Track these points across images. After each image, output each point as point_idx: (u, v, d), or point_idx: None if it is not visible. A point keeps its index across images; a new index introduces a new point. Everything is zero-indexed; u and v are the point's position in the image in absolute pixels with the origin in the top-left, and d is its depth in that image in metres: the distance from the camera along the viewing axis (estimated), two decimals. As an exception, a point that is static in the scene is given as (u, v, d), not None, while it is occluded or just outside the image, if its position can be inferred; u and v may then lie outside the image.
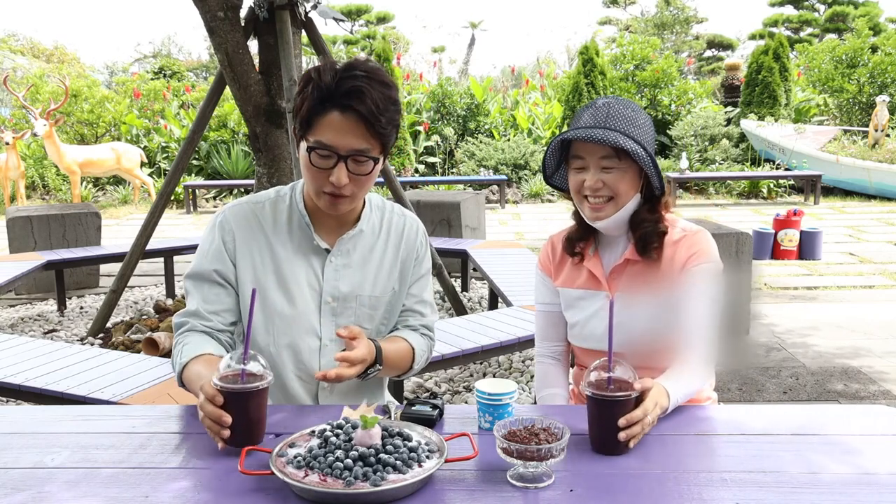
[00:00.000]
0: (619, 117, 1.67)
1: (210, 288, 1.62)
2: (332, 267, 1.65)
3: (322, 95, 1.47)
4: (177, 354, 1.58)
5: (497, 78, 20.60)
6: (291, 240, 1.65)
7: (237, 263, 1.63)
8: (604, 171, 1.68)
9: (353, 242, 1.67)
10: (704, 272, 1.70)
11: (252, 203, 1.67)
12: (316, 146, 1.50)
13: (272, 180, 4.42)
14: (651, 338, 1.72)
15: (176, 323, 1.64)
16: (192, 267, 1.65)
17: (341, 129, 1.48)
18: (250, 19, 4.35)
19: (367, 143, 1.50)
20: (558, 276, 1.88)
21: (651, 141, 1.72)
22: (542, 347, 1.95)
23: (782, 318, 5.17)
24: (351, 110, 1.47)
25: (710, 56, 27.41)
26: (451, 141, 13.82)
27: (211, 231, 1.65)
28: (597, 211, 1.71)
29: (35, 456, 1.34)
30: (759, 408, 1.58)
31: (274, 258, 1.63)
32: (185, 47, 41.25)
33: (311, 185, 1.57)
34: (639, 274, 1.75)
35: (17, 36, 27.13)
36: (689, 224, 1.79)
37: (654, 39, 16.58)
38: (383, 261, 1.71)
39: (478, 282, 6.36)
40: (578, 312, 1.82)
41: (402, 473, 1.17)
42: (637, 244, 1.73)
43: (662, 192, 1.74)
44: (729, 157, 13.30)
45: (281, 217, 1.66)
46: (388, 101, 1.50)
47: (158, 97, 15.01)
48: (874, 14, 23.65)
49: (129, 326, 4.82)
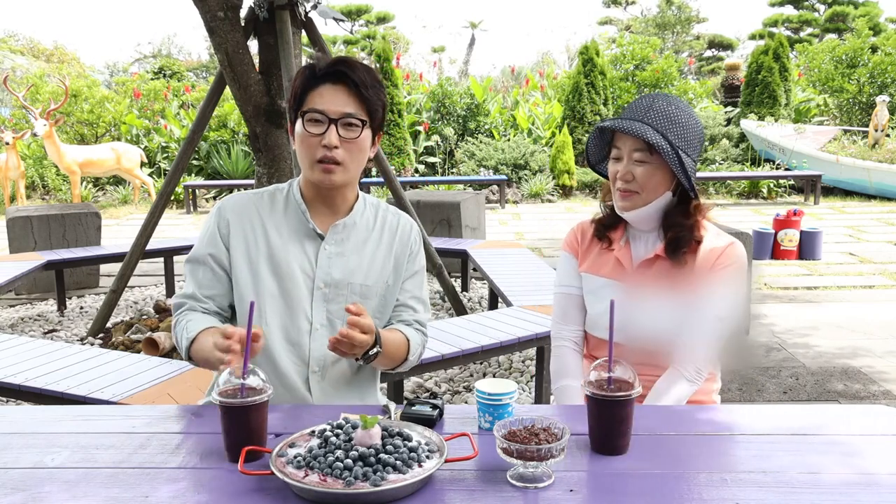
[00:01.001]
0: (659, 112, 1.69)
1: (205, 272, 1.70)
2: (326, 254, 1.70)
3: (313, 74, 1.63)
4: (181, 330, 1.65)
5: (497, 78, 20.60)
6: (287, 224, 1.71)
7: (230, 247, 1.69)
8: (636, 164, 1.70)
9: (347, 232, 1.73)
10: (724, 278, 1.72)
11: (251, 194, 1.77)
12: (308, 111, 1.62)
13: (272, 180, 4.42)
14: (663, 337, 1.73)
15: (175, 304, 1.72)
16: (191, 251, 1.74)
17: (331, 97, 1.62)
18: (250, 19, 4.35)
19: (355, 107, 1.63)
20: (584, 261, 1.87)
21: (692, 141, 1.71)
22: (561, 331, 1.91)
23: (782, 318, 5.17)
24: (340, 80, 1.62)
25: (710, 56, 27.41)
26: (451, 141, 13.82)
27: (208, 220, 1.74)
28: (623, 200, 1.73)
29: (35, 456, 1.34)
30: (760, 408, 1.58)
31: (268, 242, 1.69)
32: (185, 47, 41.30)
33: (305, 158, 1.65)
34: (667, 272, 1.75)
35: (16, 36, 27.15)
36: (725, 234, 1.79)
37: (654, 39, 16.59)
38: (376, 253, 1.75)
39: (478, 282, 6.36)
40: (599, 302, 1.81)
41: (402, 473, 1.17)
42: (668, 245, 1.73)
43: (695, 193, 1.73)
44: (729, 157, 13.30)
45: (278, 205, 1.74)
46: (375, 79, 1.65)
47: (158, 97, 15.01)
48: (874, 14, 23.65)
49: (129, 326, 4.82)
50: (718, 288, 1.72)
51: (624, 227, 1.82)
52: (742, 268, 1.74)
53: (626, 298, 1.74)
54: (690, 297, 1.72)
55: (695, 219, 1.74)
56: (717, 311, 1.72)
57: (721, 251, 1.73)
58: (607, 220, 1.85)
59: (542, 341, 3.23)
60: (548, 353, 3.21)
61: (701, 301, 1.71)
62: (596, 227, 1.86)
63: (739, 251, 1.75)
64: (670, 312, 1.73)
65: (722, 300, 1.72)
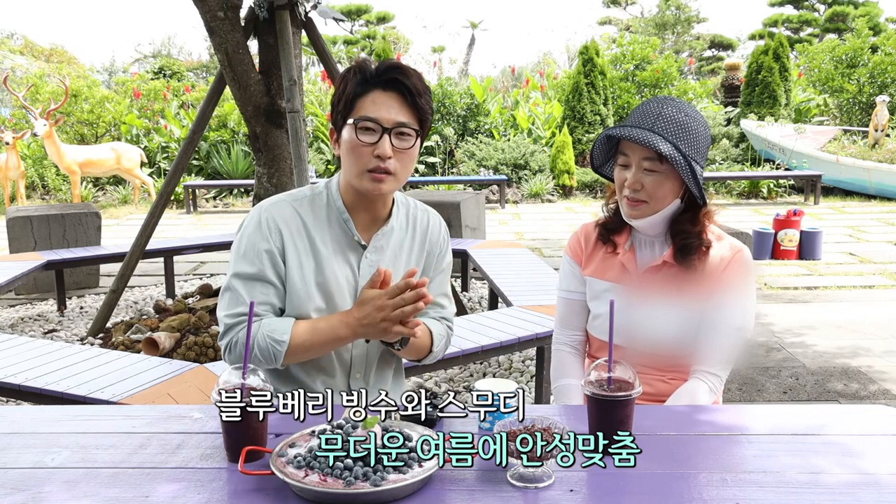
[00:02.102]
0: (669, 120, 1.66)
1: (261, 287, 1.62)
2: (367, 262, 1.68)
3: (364, 78, 1.56)
4: (262, 339, 1.57)
5: (497, 78, 20.59)
6: (332, 236, 1.67)
7: (287, 262, 1.63)
8: (645, 173, 1.68)
9: (387, 238, 1.71)
10: (739, 288, 1.72)
11: (291, 200, 1.68)
12: (361, 119, 1.55)
13: (272, 180, 4.42)
14: (674, 342, 1.74)
15: (231, 323, 1.61)
16: (240, 266, 1.63)
17: (384, 104, 1.55)
18: (250, 19, 4.36)
19: (408, 116, 1.57)
20: (588, 266, 1.87)
21: (701, 148, 1.70)
22: (561, 335, 1.93)
23: (782, 318, 5.17)
24: (393, 86, 1.55)
25: (711, 56, 27.42)
26: (451, 141, 13.81)
27: (256, 231, 1.64)
28: (633, 208, 1.71)
29: (35, 456, 1.34)
30: (760, 408, 1.58)
31: (316, 256, 1.65)
32: (185, 47, 41.29)
33: (354, 167, 1.58)
34: (674, 278, 1.74)
35: (16, 36, 27.14)
36: (733, 240, 1.79)
37: (654, 39, 16.59)
38: (411, 256, 1.75)
39: (478, 282, 6.36)
40: (604, 305, 1.81)
41: (402, 473, 1.17)
42: (676, 252, 1.73)
43: (704, 202, 1.73)
44: (729, 157, 13.30)
45: (320, 213, 1.68)
46: (425, 87, 1.60)
47: (158, 97, 15.01)
48: (874, 14, 23.66)
49: (129, 326, 4.82)
50: (735, 298, 1.72)
51: (629, 231, 1.81)
52: (752, 275, 1.76)
53: (631, 303, 1.75)
54: (697, 302, 1.72)
55: (703, 225, 1.73)
56: (736, 321, 1.72)
57: (730, 259, 1.73)
58: (611, 223, 1.83)
59: (542, 341, 3.22)
60: (548, 353, 3.21)
61: (718, 311, 1.71)
62: (600, 231, 1.85)
63: (748, 257, 1.75)
64: (676, 318, 1.73)
65: (740, 310, 1.72)
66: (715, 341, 1.72)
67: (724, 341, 1.72)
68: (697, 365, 1.73)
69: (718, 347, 1.72)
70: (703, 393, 1.71)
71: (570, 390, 1.84)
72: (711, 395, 1.72)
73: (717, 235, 1.77)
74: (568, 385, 1.85)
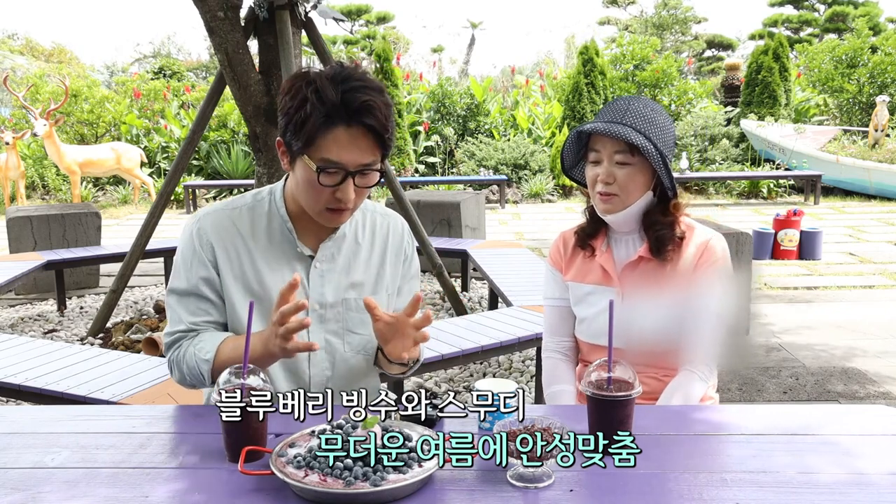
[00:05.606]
0: (637, 115, 1.70)
1: (198, 302, 1.56)
2: (318, 273, 1.60)
3: (328, 111, 1.40)
4: (191, 358, 1.51)
5: (497, 78, 20.59)
6: (272, 248, 1.58)
7: (221, 273, 1.56)
8: (617, 166, 1.70)
9: (337, 246, 1.62)
10: (715, 276, 1.75)
11: (229, 210, 1.60)
12: (324, 166, 1.43)
13: (272, 180, 4.42)
14: (659, 337, 1.76)
15: (168, 342, 1.57)
16: (175, 282, 1.57)
17: (348, 145, 1.43)
18: (250, 19, 4.35)
19: (373, 155, 1.47)
20: (569, 271, 1.89)
21: (669, 142, 1.73)
22: (551, 342, 1.95)
23: (782, 318, 5.17)
24: (358, 125, 1.42)
25: (710, 56, 27.40)
26: (451, 141, 13.81)
27: (189, 242, 1.57)
28: (605, 202, 1.74)
29: (35, 456, 1.34)
30: (759, 408, 1.58)
31: (255, 268, 1.56)
32: (185, 47, 41.25)
33: (313, 204, 1.50)
34: (651, 272, 1.77)
35: (16, 36, 27.13)
36: (705, 228, 1.82)
37: (653, 39, 16.58)
38: (369, 263, 1.66)
39: (478, 282, 6.36)
40: (588, 308, 1.84)
41: (401, 473, 1.17)
42: (652, 245, 1.76)
43: (675, 193, 1.76)
44: (729, 157, 13.29)
45: (260, 223, 1.59)
46: (389, 110, 1.46)
47: (158, 97, 15.01)
48: (874, 14, 23.65)
49: (129, 326, 4.82)
50: (711, 286, 1.75)
51: (605, 232, 1.85)
52: (727, 261, 1.78)
53: (615, 302, 1.76)
54: (678, 294, 1.75)
55: (673, 216, 1.77)
56: (715, 308, 1.76)
57: (704, 246, 1.77)
58: (588, 227, 1.86)
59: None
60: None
61: (697, 300, 1.74)
62: (578, 237, 1.88)
63: (721, 244, 1.79)
64: (659, 311, 1.75)
65: (717, 298, 1.76)
66: (699, 331, 1.74)
67: (706, 330, 1.75)
68: (686, 356, 1.75)
69: (703, 336, 1.75)
70: (696, 383, 1.73)
71: (563, 396, 1.86)
72: (703, 385, 1.74)
73: (689, 227, 1.80)
74: (560, 391, 1.88)
